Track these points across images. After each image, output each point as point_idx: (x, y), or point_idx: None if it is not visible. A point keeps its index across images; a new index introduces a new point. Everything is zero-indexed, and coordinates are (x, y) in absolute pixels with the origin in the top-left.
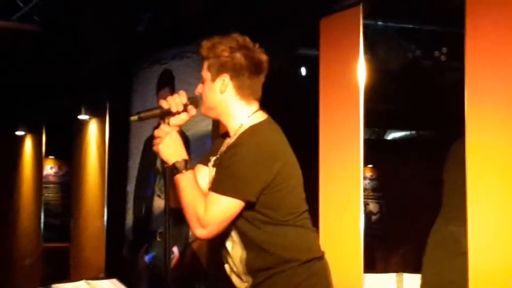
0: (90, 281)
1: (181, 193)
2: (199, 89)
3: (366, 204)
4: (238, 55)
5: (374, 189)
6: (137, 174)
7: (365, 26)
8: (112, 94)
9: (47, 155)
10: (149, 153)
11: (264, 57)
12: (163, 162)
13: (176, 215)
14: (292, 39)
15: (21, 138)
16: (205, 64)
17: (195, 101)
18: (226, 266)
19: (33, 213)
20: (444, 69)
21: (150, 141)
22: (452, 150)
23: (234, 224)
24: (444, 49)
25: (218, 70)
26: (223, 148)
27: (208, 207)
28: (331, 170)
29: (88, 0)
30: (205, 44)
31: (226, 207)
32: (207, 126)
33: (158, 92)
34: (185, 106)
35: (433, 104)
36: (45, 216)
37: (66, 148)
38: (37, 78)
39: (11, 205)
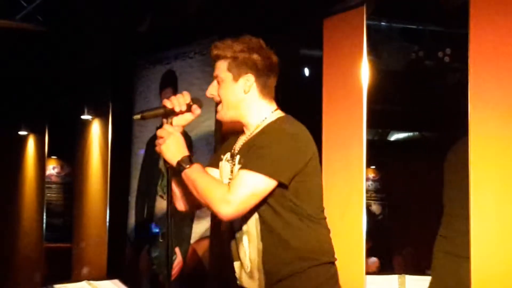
0: (92, 282)
1: (196, 183)
2: (213, 90)
3: (368, 206)
4: (257, 56)
5: (376, 190)
6: (140, 175)
7: (368, 27)
8: (114, 95)
9: (49, 155)
10: (152, 154)
11: (276, 58)
12: (165, 162)
13: (178, 216)
14: (296, 39)
15: (24, 138)
16: (222, 65)
17: (198, 101)
18: (236, 264)
19: (35, 213)
20: (448, 69)
21: (152, 141)
22: (448, 160)
23: (257, 211)
24: (448, 50)
25: (240, 70)
26: (239, 142)
27: (237, 184)
28: (334, 170)
29: (91, 0)
30: (219, 44)
31: (257, 185)
32: (210, 127)
33: (161, 92)
34: (189, 106)
35: (436, 105)
36: (47, 216)
37: (69, 148)
38: (40, 78)
39: (13, 205)
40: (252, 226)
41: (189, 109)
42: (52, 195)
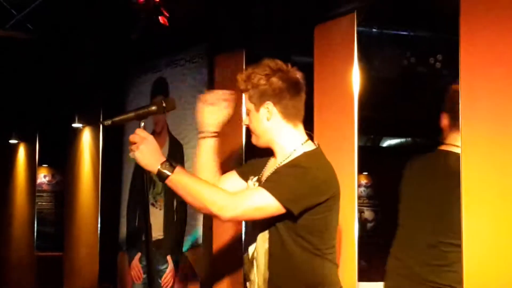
0: None
1: (189, 188)
2: (246, 121)
3: (361, 212)
4: (275, 80)
5: (369, 197)
6: (131, 183)
7: (359, 33)
8: (105, 102)
9: (40, 163)
10: None
11: (299, 75)
12: (140, 167)
13: (171, 225)
14: (286, 46)
15: (15, 147)
16: (247, 96)
17: (171, 103)
18: (248, 284)
19: (27, 221)
20: (440, 75)
21: None
22: (404, 176)
23: (267, 241)
24: (439, 56)
25: (260, 99)
26: (268, 168)
27: (248, 194)
28: None
29: (82, 9)
30: (240, 77)
31: (264, 202)
32: None
33: (152, 100)
34: (164, 109)
35: (428, 111)
36: (38, 225)
37: (60, 156)
38: (31, 86)
39: (4, 214)
40: (262, 255)
41: (163, 110)
42: (43, 203)
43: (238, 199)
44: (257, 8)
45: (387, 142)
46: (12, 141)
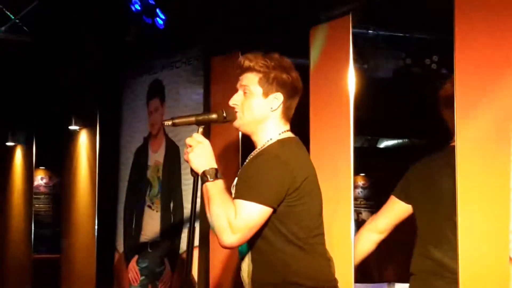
0: None
1: (211, 200)
2: (237, 101)
3: (358, 213)
4: (289, 77)
5: (366, 198)
6: (128, 185)
7: (355, 35)
8: (102, 105)
9: (37, 165)
10: (140, 164)
11: (301, 83)
12: (192, 170)
13: (168, 226)
14: (282, 48)
15: (12, 149)
16: (253, 77)
17: (231, 114)
18: (242, 279)
19: (24, 224)
20: (435, 76)
21: (141, 151)
22: (410, 176)
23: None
24: (435, 57)
25: (273, 87)
26: (246, 161)
27: (237, 212)
28: (321, 178)
29: (78, 11)
30: (251, 57)
31: (253, 212)
32: None
33: (148, 102)
34: (225, 118)
35: (424, 112)
36: (36, 227)
37: (57, 158)
38: (27, 88)
39: (1, 216)
40: (245, 248)
41: (224, 121)
42: (41, 205)
43: (234, 223)
44: (253, 10)
45: (384, 143)
46: (9, 144)
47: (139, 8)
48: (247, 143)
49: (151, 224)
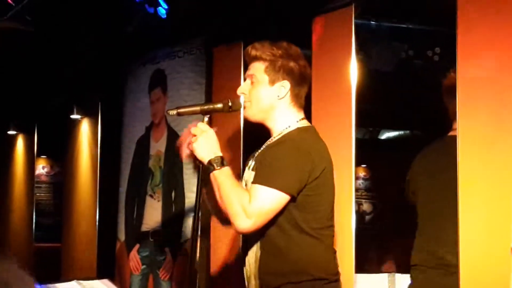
0: (81, 281)
1: (221, 188)
2: (244, 90)
3: (359, 204)
4: (296, 64)
5: (367, 189)
6: (129, 174)
7: (357, 26)
8: (104, 94)
9: (39, 154)
10: (142, 153)
11: (310, 70)
12: (196, 159)
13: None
14: (284, 39)
15: (13, 138)
16: (259, 66)
17: (237, 103)
18: (244, 269)
19: (25, 213)
20: (437, 68)
21: (142, 140)
22: (411, 175)
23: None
24: (437, 49)
25: (279, 75)
26: (263, 147)
27: (253, 197)
28: None
29: (80, 1)
30: (258, 45)
31: (271, 198)
32: None
33: (150, 92)
34: (230, 108)
35: (426, 104)
36: (37, 216)
37: (58, 147)
38: (29, 77)
39: (2, 205)
40: (256, 236)
41: (229, 109)
42: (42, 194)
43: (248, 207)
44: (255, 0)
45: (385, 135)
46: (11, 132)
47: None
48: (249, 133)
49: (153, 213)
